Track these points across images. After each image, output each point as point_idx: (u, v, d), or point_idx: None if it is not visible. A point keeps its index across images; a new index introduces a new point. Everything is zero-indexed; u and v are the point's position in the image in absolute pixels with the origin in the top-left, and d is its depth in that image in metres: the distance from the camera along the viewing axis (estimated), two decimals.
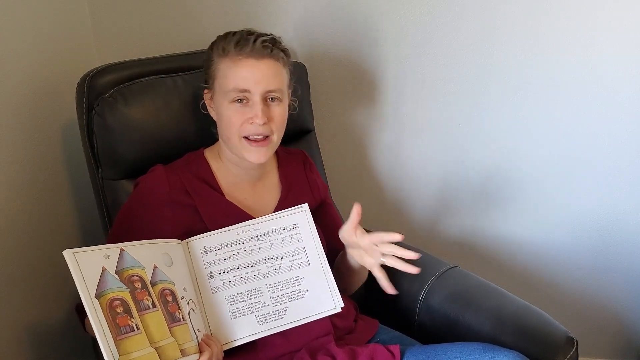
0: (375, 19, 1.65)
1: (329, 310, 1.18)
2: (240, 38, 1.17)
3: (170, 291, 1.05)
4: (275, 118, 1.20)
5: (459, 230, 1.84)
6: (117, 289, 0.97)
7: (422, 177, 1.81)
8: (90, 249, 0.98)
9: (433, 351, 1.17)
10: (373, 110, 1.76)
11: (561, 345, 1.23)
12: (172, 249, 1.12)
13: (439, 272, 1.44)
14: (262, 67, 1.17)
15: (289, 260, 1.19)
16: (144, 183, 1.26)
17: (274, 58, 1.18)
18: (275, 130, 1.21)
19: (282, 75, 1.21)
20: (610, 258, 1.80)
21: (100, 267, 0.97)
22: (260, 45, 1.16)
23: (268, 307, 1.15)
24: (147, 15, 1.70)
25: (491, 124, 1.71)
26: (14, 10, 1.39)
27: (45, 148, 1.51)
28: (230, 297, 1.14)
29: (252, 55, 1.16)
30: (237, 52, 1.16)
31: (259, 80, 1.16)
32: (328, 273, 1.20)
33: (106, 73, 1.36)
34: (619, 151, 1.68)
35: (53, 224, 1.54)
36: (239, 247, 1.17)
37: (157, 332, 0.99)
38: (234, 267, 1.16)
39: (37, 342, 1.49)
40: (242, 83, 1.17)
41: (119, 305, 0.96)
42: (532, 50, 1.62)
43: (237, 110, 1.19)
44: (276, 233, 1.20)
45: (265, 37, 1.17)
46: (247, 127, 1.18)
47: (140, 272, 1.02)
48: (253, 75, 1.16)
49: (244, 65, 1.17)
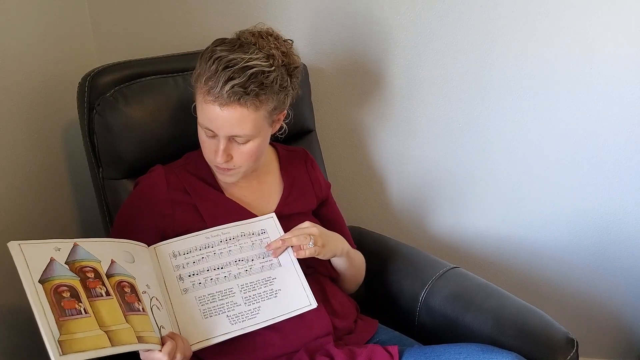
0: (376, 19, 1.65)
1: (303, 307, 1.18)
2: (213, 74, 1.11)
3: (128, 284, 1.01)
4: (240, 156, 1.19)
5: (460, 231, 1.85)
6: (65, 277, 0.93)
7: (422, 177, 1.81)
8: (40, 242, 0.94)
9: (431, 352, 1.17)
10: (373, 110, 1.76)
11: (561, 346, 1.23)
12: (135, 250, 1.09)
13: (439, 273, 1.44)
14: (226, 114, 1.12)
15: (260, 262, 1.20)
16: (143, 182, 1.26)
17: (243, 105, 1.12)
18: (240, 165, 1.20)
19: (251, 120, 1.14)
20: (610, 258, 1.80)
21: (49, 257, 0.93)
22: (228, 92, 1.09)
23: (240, 307, 1.14)
24: (147, 16, 1.70)
25: (491, 123, 1.71)
26: (14, 11, 1.39)
27: (46, 148, 1.51)
28: (201, 298, 1.13)
29: (217, 102, 1.12)
30: (206, 92, 1.12)
31: (222, 126, 1.14)
32: (300, 272, 1.20)
33: (107, 73, 1.37)
34: (619, 151, 1.68)
35: (54, 223, 1.54)
36: (208, 250, 1.18)
37: (109, 317, 0.94)
38: (203, 270, 1.16)
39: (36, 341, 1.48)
40: (207, 123, 1.16)
41: (65, 291, 0.91)
42: (532, 50, 1.62)
43: (206, 140, 1.20)
44: (245, 237, 1.21)
45: (237, 80, 1.09)
46: (213, 158, 1.19)
47: (95, 265, 0.98)
48: (215, 120, 1.14)
49: (209, 109, 1.13)
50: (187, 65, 1.44)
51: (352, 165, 1.82)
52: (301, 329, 1.20)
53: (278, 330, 1.19)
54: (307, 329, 1.21)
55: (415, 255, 1.54)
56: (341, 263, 1.31)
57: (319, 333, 1.22)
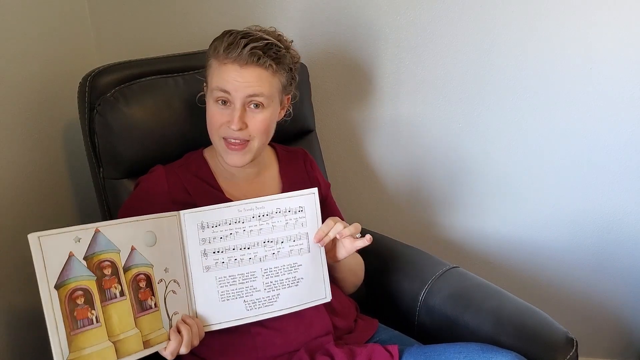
0: (376, 19, 1.66)
1: (319, 300, 1.17)
2: (233, 41, 1.16)
3: (145, 276, 1.03)
4: (254, 125, 1.19)
5: (460, 231, 1.85)
6: (81, 278, 0.94)
7: (422, 177, 1.81)
8: (59, 231, 0.94)
9: (431, 351, 1.17)
10: (374, 110, 1.76)
11: (561, 345, 1.23)
12: (160, 227, 1.08)
13: (439, 273, 1.44)
14: (245, 74, 1.16)
15: (289, 245, 1.16)
16: (144, 182, 1.27)
17: (261, 66, 1.16)
18: (254, 136, 1.20)
19: (269, 82, 1.18)
20: (610, 258, 1.80)
21: (67, 252, 0.94)
22: (248, 52, 1.14)
23: (259, 293, 1.13)
24: (147, 16, 1.70)
25: (491, 123, 1.71)
26: (15, 11, 1.39)
27: (47, 148, 1.51)
28: (221, 279, 1.12)
29: (237, 62, 1.15)
30: (225, 56, 1.16)
31: (240, 86, 1.16)
32: (324, 262, 1.19)
33: (107, 73, 1.37)
34: (619, 151, 1.68)
35: (55, 223, 1.53)
36: (238, 225, 1.14)
37: (119, 323, 0.97)
38: (229, 247, 1.13)
39: (37, 341, 1.49)
40: (224, 84, 1.17)
41: (80, 296, 0.94)
42: (531, 50, 1.62)
43: (219, 111, 1.19)
44: (280, 215, 1.16)
45: (257, 44, 1.15)
46: (225, 129, 1.19)
47: (113, 256, 0.99)
48: (235, 80, 1.16)
49: (228, 70, 1.16)
50: (187, 65, 1.44)
51: (352, 165, 1.82)
52: (301, 329, 1.20)
53: (278, 330, 1.19)
54: (307, 328, 1.21)
55: (415, 255, 1.54)
56: (347, 261, 1.31)
57: (319, 332, 1.22)
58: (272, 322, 1.19)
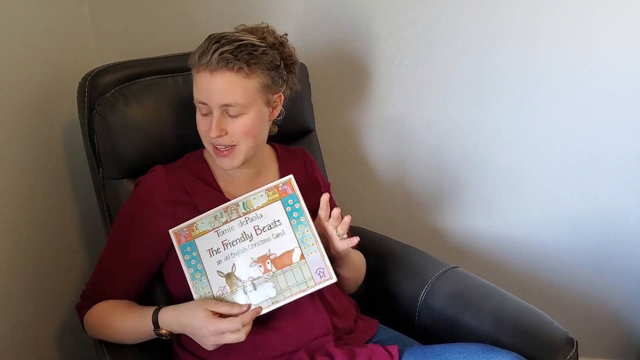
0: (376, 20, 1.66)
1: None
2: (206, 47, 1.16)
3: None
4: (234, 130, 1.18)
5: (459, 231, 1.85)
6: None
7: (422, 177, 1.81)
8: None
9: (431, 352, 1.17)
10: (373, 110, 1.76)
11: (561, 346, 1.23)
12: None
13: (439, 273, 1.44)
14: (216, 80, 1.14)
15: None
16: (144, 183, 1.27)
17: (231, 70, 1.14)
18: (238, 140, 1.19)
19: (241, 86, 1.15)
20: (610, 258, 1.80)
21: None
22: (217, 57, 1.13)
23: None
24: (147, 15, 1.70)
25: (491, 123, 1.71)
26: (15, 11, 1.39)
27: (47, 148, 1.51)
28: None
29: (208, 68, 1.14)
30: (198, 63, 1.16)
31: (213, 95, 1.15)
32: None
33: (107, 73, 1.37)
34: (619, 151, 1.68)
35: (54, 223, 1.54)
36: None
37: None
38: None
39: (37, 341, 1.49)
40: (199, 94, 1.17)
41: None
42: (531, 51, 1.62)
43: (202, 119, 1.20)
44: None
45: (227, 48, 1.13)
46: (209, 136, 1.19)
47: None
48: (206, 88, 1.15)
49: (201, 78, 1.16)
50: (187, 65, 1.43)
51: (352, 165, 1.82)
52: (301, 329, 1.20)
53: (278, 330, 1.19)
54: (307, 328, 1.21)
55: (415, 255, 1.54)
56: (351, 258, 1.30)
57: (318, 333, 1.22)
58: (272, 322, 1.19)
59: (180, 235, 1.18)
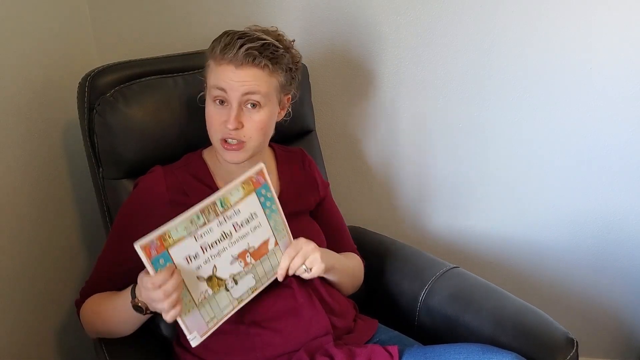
0: (376, 20, 1.65)
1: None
2: (229, 42, 1.16)
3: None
4: (251, 125, 1.19)
5: (459, 231, 1.85)
6: None
7: (422, 177, 1.81)
8: None
9: (431, 352, 1.17)
10: (374, 110, 1.76)
11: (561, 346, 1.23)
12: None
13: (439, 273, 1.44)
14: (241, 74, 1.16)
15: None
16: (143, 183, 1.27)
17: (257, 66, 1.16)
18: (251, 137, 1.20)
19: (265, 82, 1.18)
20: (610, 258, 1.80)
21: None
22: (244, 52, 1.14)
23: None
24: (147, 16, 1.70)
25: (491, 124, 1.71)
26: (15, 11, 1.39)
27: (47, 148, 1.51)
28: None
29: (233, 62, 1.15)
30: (222, 56, 1.16)
31: (236, 85, 1.16)
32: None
33: (107, 73, 1.37)
34: (619, 151, 1.68)
35: (54, 223, 1.54)
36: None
37: None
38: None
39: (37, 341, 1.49)
40: (220, 82, 1.18)
41: None
42: (531, 51, 1.62)
43: (216, 111, 1.20)
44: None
45: (253, 44, 1.15)
46: (222, 128, 1.19)
47: None
48: (231, 80, 1.16)
49: (224, 70, 1.17)
50: (187, 65, 1.44)
51: (352, 165, 1.82)
52: (300, 329, 1.20)
53: (277, 330, 1.19)
54: (306, 328, 1.21)
55: (415, 255, 1.54)
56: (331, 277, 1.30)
57: (318, 333, 1.22)
58: (271, 323, 1.19)
59: (150, 248, 1.02)
